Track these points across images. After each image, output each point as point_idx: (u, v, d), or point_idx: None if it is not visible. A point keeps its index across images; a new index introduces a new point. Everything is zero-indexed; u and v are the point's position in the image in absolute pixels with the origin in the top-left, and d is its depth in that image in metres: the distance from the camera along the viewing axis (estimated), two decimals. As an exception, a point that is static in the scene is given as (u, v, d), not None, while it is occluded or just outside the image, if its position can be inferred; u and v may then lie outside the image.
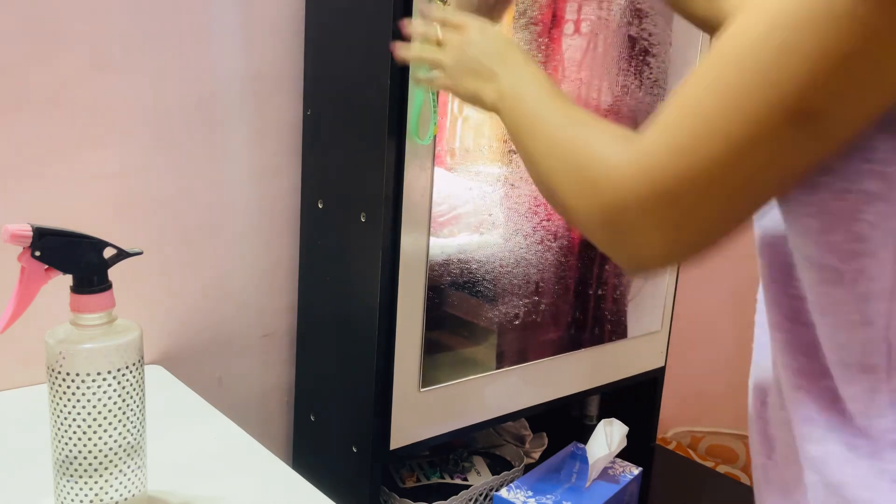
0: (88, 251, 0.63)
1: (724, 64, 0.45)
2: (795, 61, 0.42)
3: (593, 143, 0.54)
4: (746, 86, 0.44)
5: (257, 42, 1.07)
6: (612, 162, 0.51)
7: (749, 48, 0.44)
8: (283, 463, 0.82)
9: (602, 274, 1.28)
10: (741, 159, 0.45)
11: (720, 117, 0.45)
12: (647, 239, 0.50)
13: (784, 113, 0.43)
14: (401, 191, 0.94)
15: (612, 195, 0.51)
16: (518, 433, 1.34)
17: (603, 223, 0.52)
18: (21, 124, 0.92)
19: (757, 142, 0.44)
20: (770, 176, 0.46)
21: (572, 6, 1.13)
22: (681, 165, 0.47)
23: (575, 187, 0.54)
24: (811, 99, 0.42)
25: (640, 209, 0.49)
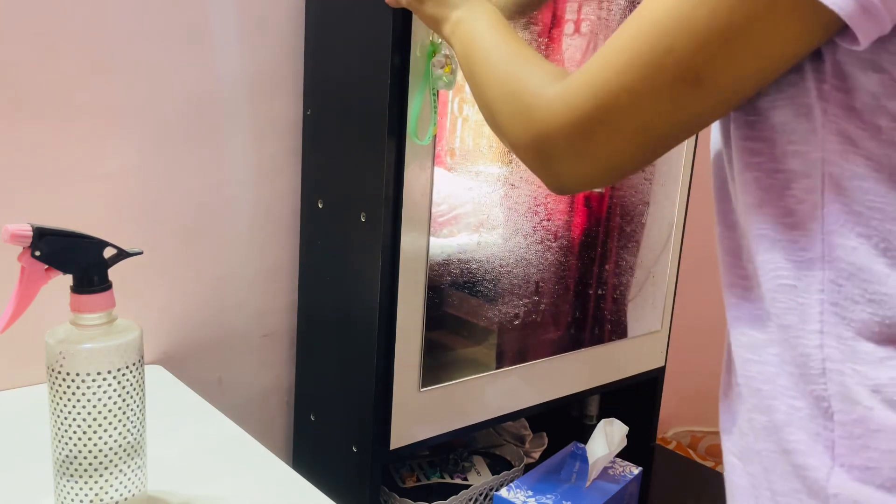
0: (88, 251, 0.63)
1: (637, 26, 0.54)
2: (689, 31, 0.50)
3: (530, 77, 0.63)
4: (651, 47, 0.52)
5: (257, 42, 1.07)
6: (543, 95, 0.60)
7: (657, 16, 0.52)
8: (283, 463, 0.82)
9: (602, 274, 1.28)
10: (641, 107, 0.54)
11: (628, 70, 0.54)
12: (566, 163, 0.60)
13: (676, 72, 0.52)
14: (401, 191, 0.94)
15: (540, 123, 0.60)
16: (518, 433, 1.34)
17: (531, 147, 0.62)
18: (21, 124, 0.92)
19: (653, 94, 0.53)
20: (664, 124, 0.55)
21: (572, 6, 1.13)
22: (597, 107, 0.56)
23: (512, 114, 0.64)
24: (699, 64, 0.51)
25: (561, 137, 0.59)
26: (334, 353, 1.08)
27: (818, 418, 0.51)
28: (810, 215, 0.52)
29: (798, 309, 0.52)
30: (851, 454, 0.50)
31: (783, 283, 0.53)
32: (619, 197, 1.28)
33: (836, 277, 0.51)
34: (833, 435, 0.50)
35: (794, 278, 0.52)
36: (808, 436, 0.51)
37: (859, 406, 0.49)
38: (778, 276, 0.53)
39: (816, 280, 0.51)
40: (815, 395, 0.51)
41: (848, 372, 0.50)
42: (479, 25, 0.73)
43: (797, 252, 0.52)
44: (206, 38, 1.03)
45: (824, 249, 0.51)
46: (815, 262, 0.52)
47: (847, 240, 0.50)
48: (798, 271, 0.52)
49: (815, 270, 0.52)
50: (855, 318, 0.50)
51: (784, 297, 0.53)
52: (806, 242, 0.52)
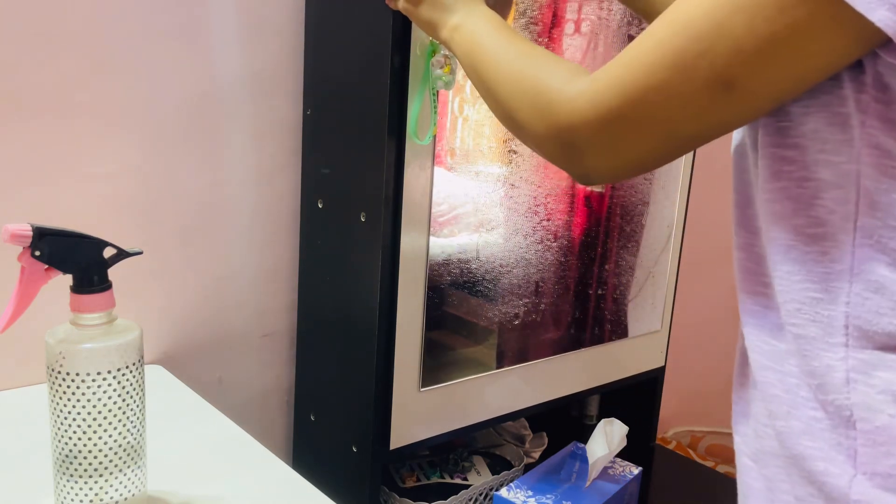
0: (88, 251, 0.63)
1: (671, 28, 0.53)
2: (725, 37, 0.50)
3: (549, 74, 0.63)
4: (684, 50, 0.52)
5: (257, 42, 1.07)
6: (566, 90, 0.60)
7: (692, 19, 0.52)
8: (283, 463, 0.82)
9: (602, 274, 1.28)
10: (670, 107, 0.54)
11: (659, 70, 0.53)
12: (591, 156, 0.60)
13: (709, 76, 0.51)
14: (401, 191, 0.94)
15: (567, 120, 0.60)
16: (518, 433, 1.34)
17: (556, 141, 0.62)
18: (21, 124, 0.92)
19: (684, 96, 0.53)
20: (693, 126, 0.55)
21: (572, 6, 1.13)
22: (624, 102, 0.56)
23: (533, 110, 0.63)
24: (733, 70, 0.51)
25: (588, 132, 0.58)
26: (334, 353, 1.08)
27: (839, 427, 0.51)
28: (841, 227, 0.51)
29: (823, 321, 0.52)
30: (874, 462, 0.50)
31: (810, 296, 0.52)
32: (619, 197, 1.28)
33: (864, 290, 0.50)
34: (855, 444, 0.50)
35: (821, 290, 0.52)
36: (828, 445, 0.51)
37: (883, 414, 0.49)
38: (804, 288, 0.52)
39: (843, 293, 0.51)
40: (837, 404, 0.51)
41: (873, 382, 0.50)
42: (480, 28, 0.73)
43: (825, 264, 0.52)
44: (206, 38, 1.03)
45: (853, 262, 0.51)
46: (843, 274, 0.51)
47: (878, 253, 0.50)
48: (825, 283, 0.52)
49: (842, 283, 0.51)
50: (881, 330, 0.50)
51: (809, 308, 0.52)
52: (836, 254, 0.51)
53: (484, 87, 0.71)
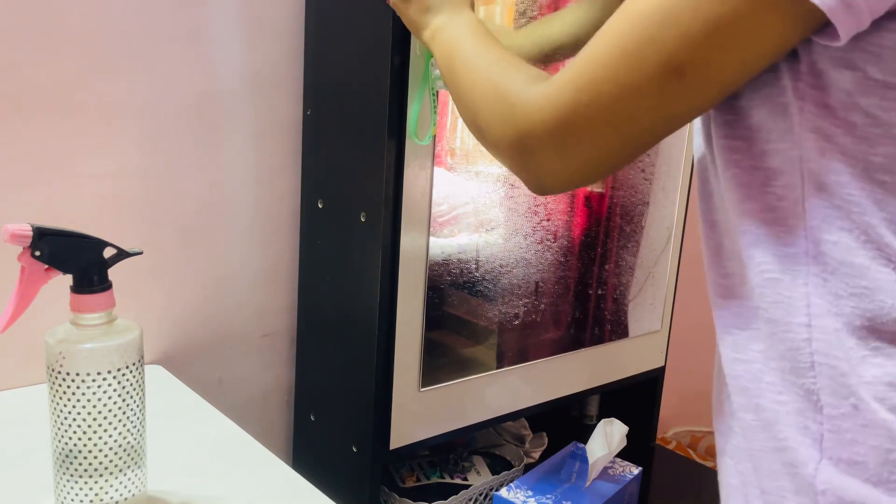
0: (88, 251, 0.63)
1: (622, 24, 0.54)
2: (673, 24, 0.51)
3: (512, 79, 0.64)
4: (635, 39, 0.53)
5: (257, 42, 1.07)
6: (526, 95, 0.61)
7: (641, 11, 0.53)
8: (283, 463, 0.82)
9: (602, 274, 1.28)
10: (623, 98, 0.54)
11: (613, 65, 0.54)
12: (549, 161, 0.60)
13: (659, 64, 0.52)
14: (401, 191, 0.94)
15: (524, 121, 0.60)
16: (518, 433, 1.34)
17: (515, 145, 0.62)
18: (21, 124, 0.92)
19: (637, 85, 0.53)
20: (647, 117, 0.55)
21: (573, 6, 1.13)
22: (580, 101, 0.56)
23: (495, 115, 0.64)
24: (683, 56, 0.51)
25: (545, 134, 0.59)
26: (334, 353, 1.08)
27: (807, 412, 0.52)
28: (792, 212, 0.52)
29: (785, 302, 0.53)
30: (839, 448, 0.50)
31: (769, 278, 0.53)
32: (619, 197, 1.28)
33: (821, 272, 0.51)
34: (822, 428, 0.51)
35: (780, 272, 0.53)
36: (796, 430, 0.52)
37: (847, 401, 0.50)
38: (763, 271, 0.54)
39: (801, 274, 0.52)
40: (806, 388, 0.52)
41: (836, 365, 0.51)
42: (461, 32, 0.74)
43: (781, 247, 0.53)
44: (206, 38, 1.03)
45: (808, 245, 0.52)
46: (799, 257, 0.52)
47: (830, 234, 0.51)
48: (783, 265, 0.53)
49: (799, 266, 0.52)
50: (841, 312, 0.51)
51: (770, 291, 0.53)
52: (789, 238, 0.53)
53: (455, 91, 0.72)
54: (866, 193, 0.50)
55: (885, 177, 0.50)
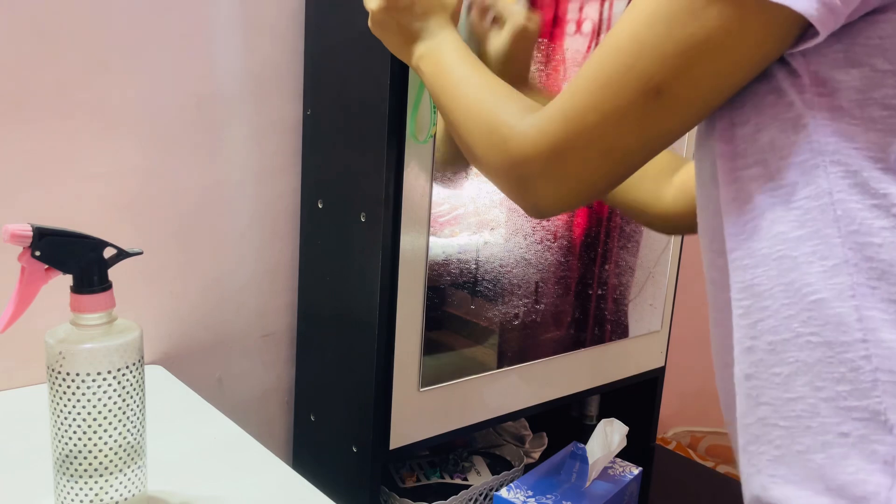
0: (88, 251, 0.63)
1: (602, 53, 0.57)
2: (648, 47, 0.53)
3: (505, 111, 0.67)
4: (614, 66, 0.56)
5: (257, 42, 1.07)
6: (518, 126, 0.64)
7: (618, 39, 0.55)
8: (283, 463, 0.82)
9: (602, 274, 1.28)
10: (607, 124, 0.57)
11: (594, 90, 0.57)
12: (541, 187, 0.63)
13: (638, 87, 0.54)
14: (400, 191, 0.94)
15: (518, 152, 0.63)
16: (518, 433, 1.34)
17: (509, 174, 0.65)
18: (21, 124, 0.92)
19: (619, 110, 0.56)
20: (631, 140, 0.58)
21: (574, 6, 1.13)
22: (569, 130, 0.59)
23: (488, 145, 0.67)
24: (659, 77, 0.54)
25: (537, 163, 0.62)
26: (334, 353, 1.08)
27: (874, 435, 0.49)
28: (823, 222, 0.51)
29: (833, 322, 0.50)
30: None
31: (814, 300, 0.51)
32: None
33: (868, 280, 0.49)
34: (893, 450, 0.48)
35: (823, 290, 0.50)
36: (862, 459, 0.49)
37: None
38: (806, 294, 0.51)
39: (846, 287, 0.50)
40: (871, 410, 0.49)
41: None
42: (446, 58, 0.76)
43: (820, 262, 0.51)
44: (206, 38, 1.03)
45: (846, 253, 0.50)
46: (840, 269, 0.50)
47: (872, 237, 0.49)
48: (824, 282, 0.50)
49: (841, 277, 0.50)
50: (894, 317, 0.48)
51: (818, 313, 0.51)
52: (826, 251, 0.50)
53: (446, 117, 0.75)
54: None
55: None
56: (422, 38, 0.79)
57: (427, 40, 0.79)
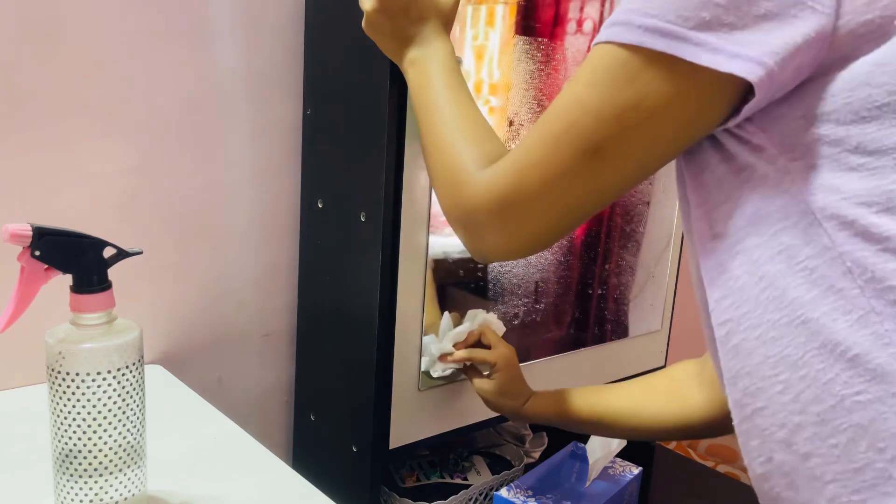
0: (88, 251, 0.63)
1: (549, 114, 0.60)
2: (587, 110, 0.56)
3: (467, 156, 0.70)
4: (558, 128, 0.58)
5: (257, 42, 1.07)
6: (474, 177, 0.67)
7: (563, 101, 0.59)
8: (283, 463, 0.82)
9: (602, 274, 1.28)
10: (549, 181, 0.60)
11: (537, 148, 0.60)
12: (490, 237, 0.66)
13: (577, 147, 0.57)
14: (401, 190, 0.94)
15: (468, 202, 0.67)
16: (518, 433, 1.34)
17: (461, 220, 0.69)
18: (21, 124, 0.92)
19: (559, 166, 0.59)
20: (572, 196, 0.60)
21: (574, 5, 1.13)
22: (517, 184, 0.62)
23: (446, 187, 0.71)
24: (597, 138, 0.56)
25: (488, 215, 0.65)
26: (334, 353, 1.08)
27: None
28: (835, 277, 0.51)
29: (878, 374, 0.49)
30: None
31: (850, 357, 0.50)
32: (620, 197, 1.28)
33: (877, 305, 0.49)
34: None
35: (856, 345, 0.50)
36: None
37: None
38: (842, 354, 0.50)
39: (879, 335, 0.49)
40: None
41: None
42: (435, 72, 0.78)
43: (844, 318, 0.50)
44: (205, 38, 1.03)
45: (870, 303, 0.50)
46: (868, 319, 0.50)
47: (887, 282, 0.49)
48: (856, 335, 0.50)
49: (872, 327, 0.49)
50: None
51: (857, 370, 0.50)
52: (847, 305, 0.50)
53: (420, 130, 0.78)
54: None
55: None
56: (415, 43, 0.80)
57: (420, 47, 0.79)
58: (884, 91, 0.49)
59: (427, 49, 0.79)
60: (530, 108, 1.09)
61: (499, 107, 1.08)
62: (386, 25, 0.80)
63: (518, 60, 1.07)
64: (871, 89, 0.49)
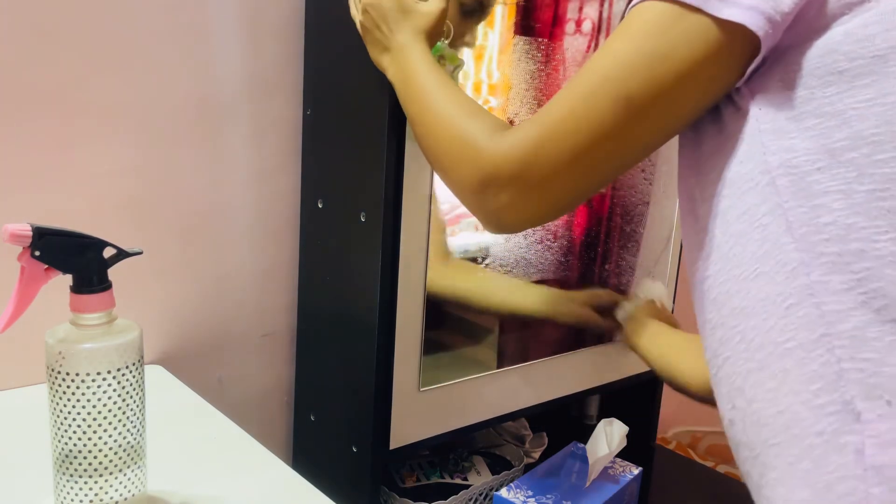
0: (88, 251, 0.63)
1: (581, 74, 0.61)
2: (620, 62, 0.58)
3: (476, 127, 0.69)
4: (590, 83, 0.60)
5: (257, 42, 1.07)
6: (492, 141, 0.66)
7: (598, 57, 0.60)
8: (283, 463, 0.82)
9: (602, 274, 1.28)
10: (580, 132, 0.60)
11: (571, 103, 0.61)
12: (510, 202, 0.65)
13: (610, 97, 0.58)
14: (401, 191, 0.94)
15: (491, 166, 0.65)
16: (518, 433, 1.34)
17: (478, 187, 0.67)
18: (21, 124, 0.92)
19: (591, 119, 0.59)
20: (604, 152, 0.61)
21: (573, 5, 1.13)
22: (543, 141, 0.62)
23: (458, 160, 0.70)
24: (629, 86, 0.58)
25: (510, 177, 0.64)
26: (334, 353, 1.08)
27: (846, 425, 0.50)
28: (779, 232, 0.54)
29: (803, 323, 0.52)
30: (881, 453, 0.49)
31: (786, 306, 0.53)
32: (620, 197, 1.28)
33: (822, 276, 0.52)
34: (863, 437, 0.50)
35: (791, 296, 0.53)
36: (838, 454, 0.50)
37: (881, 400, 0.49)
38: (780, 304, 0.54)
39: (806, 286, 0.52)
40: (840, 401, 0.50)
41: (864, 367, 0.50)
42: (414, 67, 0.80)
43: (783, 270, 0.54)
44: (205, 38, 1.03)
45: (801, 256, 0.53)
46: (798, 271, 0.53)
47: (817, 235, 0.52)
48: (790, 286, 0.53)
49: (800, 279, 0.53)
50: (853, 305, 0.51)
51: (794, 317, 0.53)
52: (785, 257, 0.54)
53: (414, 126, 0.79)
54: (834, 174, 0.53)
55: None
56: (391, 50, 0.84)
57: (395, 52, 0.83)
58: (847, 58, 0.52)
59: (402, 54, 0.83)
60: (530, 108, 1.09)
61: (499, 107, 1.08)
62: (368, 35, 0.86)
63: (518, 61, 1.07)
64: (837, 55, 0.53)
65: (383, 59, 0.85)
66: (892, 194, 0.50)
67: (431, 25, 0.84)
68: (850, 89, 0.52)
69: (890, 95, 0.51)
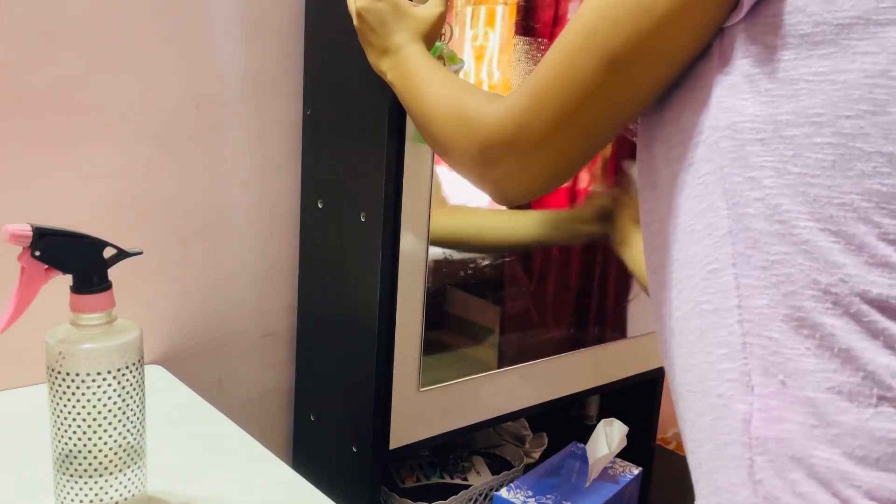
0: (88, 251, 0.63)
1: (564, 35, 0.60)
2: (604, 19, 0.57)
3: (470, 100, 0.71)
4: (574, 44, 0.59)
5: (257, 42, 1.07)
6: (486, 111, 0.67)
7: (579, 15, 0.59)
8: (283, 463, 0.82)
9: (602, 274, 1.28)
10: (567, 94, 0.59)
11: (557, 66, 0.60)
12: (511, 169, 0.66)
13: (594, 57, 0.57)
14: (401, 191, 0.94)
15: (486, 134, 0.66)
16: (518, 433, 1.34)
17: (478, 158, 0.68)
18: (21, 124, 0.92)
19: (578, 80, 0.59)
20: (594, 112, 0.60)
21: (574, 5, 1.13)
22: (533, 104, 0.62)
23: (457, 133, 0.71)
24: (613, 44, 0.56)
25: (506, 143, 0.64)
26: (334, 353, 1.08)
27: (740, 394, 0.52)
28: (716, 195, 0.54)
29: (722, 290, 0.53)
30: (766, 426, 0.51)
31: (710, 269, 0.54)
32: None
33: (745, 249, 0.52)
34: (751, 408, 0.52)
35: (716, 261, 0.54)
36: (730, 419, 0.53)
37: (776, 378, 0.51)
38: (705, 265, 0.55)
39: (730, 255, 0.53)
40: (739, 371, 0.52)
41: (767, 345, 0.51)
42: (411, 64, 0.81)
43: (713, 234, 0.54)
44: (206, 38, 1.03)
45: (730, 224, 0.53)
46: (725, 239, 0.53)
47: (745, 208, 0.52)
48: (716, 252, 0.54)
49: (726, 247, 0.53)
50: (766, 284, 0.51)
51: (711, 282, 0.54)
52: (717, 222, 0.54)
53: (415, 117, 0.79)
54: (775, 157, 0.52)
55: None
56: (388, 53, 0.84)
57: (392, 55, 0.83)
58: (811, 21, 0.50)
59: (399, 55, 0.83)
60: (530, 108, 1.09)
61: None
62: (365, 38, 0.87)
63: (518, 61, 1.07)
64: (803, 16, 0.50)
65: (381, 63, 0.86)
66: (820, 182, 0.49)
67: (429, 29, 0.85)
68: (808, 58, 0.50)
69: (843, 73, 0.49)
